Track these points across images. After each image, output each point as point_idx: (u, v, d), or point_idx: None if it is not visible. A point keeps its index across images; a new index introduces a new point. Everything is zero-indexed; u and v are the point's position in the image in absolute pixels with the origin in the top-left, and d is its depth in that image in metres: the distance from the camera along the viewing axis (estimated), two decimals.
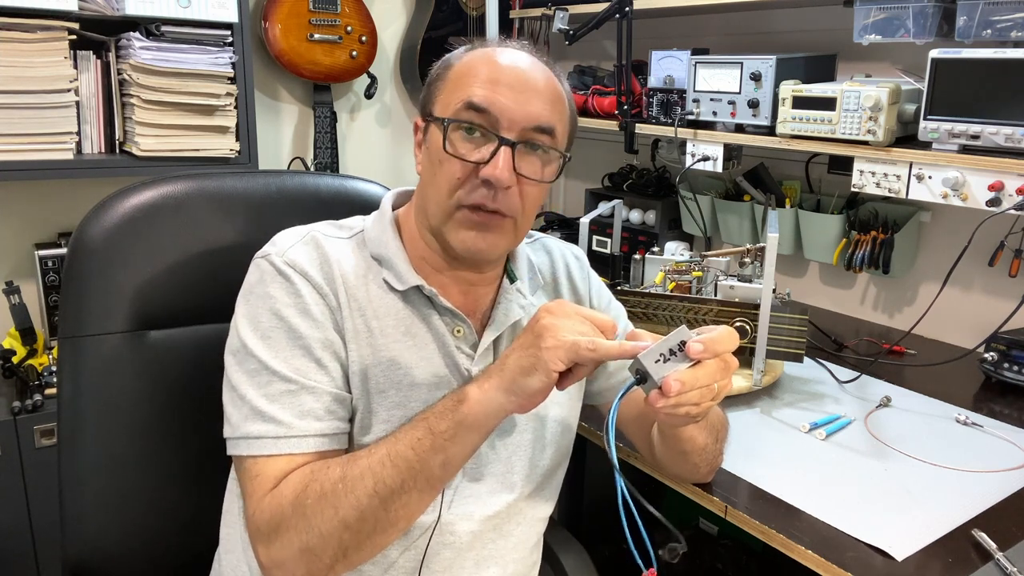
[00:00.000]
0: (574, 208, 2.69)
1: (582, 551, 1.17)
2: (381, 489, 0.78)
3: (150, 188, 1.06)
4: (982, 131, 1.34)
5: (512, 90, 0.87)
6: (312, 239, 0.91)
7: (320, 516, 0.78)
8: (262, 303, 0.87)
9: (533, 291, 1.01)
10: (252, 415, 0.83)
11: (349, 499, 0.78)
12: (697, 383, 0.76)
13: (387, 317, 0.91)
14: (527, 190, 0.89)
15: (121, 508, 1.02)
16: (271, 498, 0.80)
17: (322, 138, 2.42)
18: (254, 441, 0.83)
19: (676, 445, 1.00)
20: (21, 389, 1.75)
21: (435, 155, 0.89)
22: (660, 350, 0.76)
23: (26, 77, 1.71)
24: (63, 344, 1.01)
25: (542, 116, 0.88)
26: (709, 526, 1.95)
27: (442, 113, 0.89)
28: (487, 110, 0.86)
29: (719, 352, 0.78)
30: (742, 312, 1.39)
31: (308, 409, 0.84)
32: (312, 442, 0.83)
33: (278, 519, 0.79)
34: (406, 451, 0.79)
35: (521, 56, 0.90)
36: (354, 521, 0.78)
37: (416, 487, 0.79)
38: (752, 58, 1.68)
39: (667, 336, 0.77)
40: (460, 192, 0.87)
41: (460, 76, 0.89)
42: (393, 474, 0.78)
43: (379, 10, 2.49)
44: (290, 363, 0.84)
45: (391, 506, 0.78)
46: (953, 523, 1.02)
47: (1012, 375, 1.45)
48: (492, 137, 0.86)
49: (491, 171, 0.85)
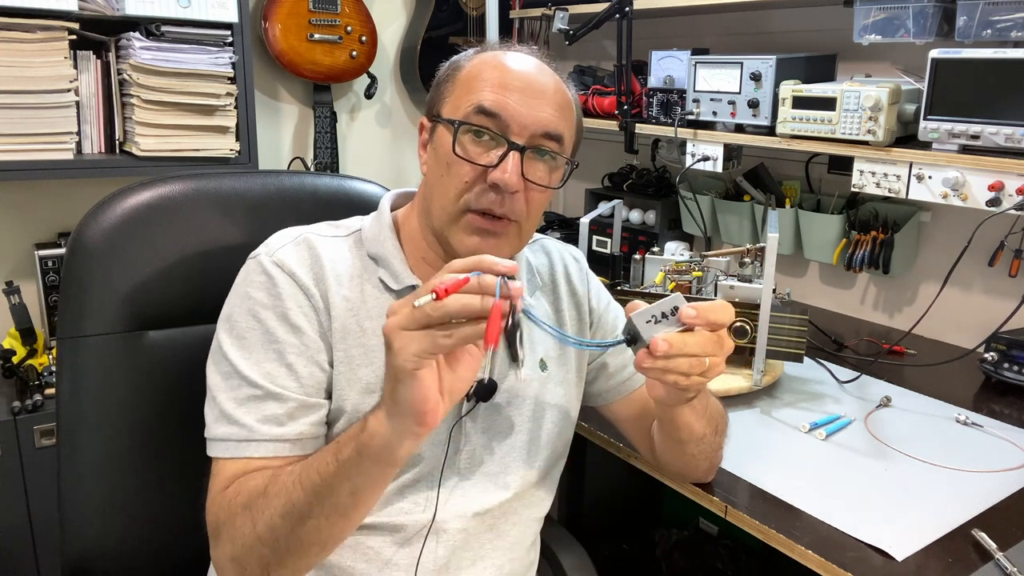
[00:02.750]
0: (574, 208, 2.69)
1: (582, 551, 1.17)
2: (291, 511, 0.75)
3: (150, 188, 1.06)
4: (982, 131, 1.34)
5: (523, 95, 0.87)
6: (304, 240, 0.92)
7: (241, 529, 0.78)
8: (242, 304, 0.88)
9: (532, 292, 1.02)
10: (220, 417, 0.85)
11: (264, 515, 0.77)
12: (686, 348, 0.75)
13: (381, 317, 0.90)
14: (533, 196, 0.89)
15: (121, 508, 1.02)
16: (218, 499, 0.82)
17: (322, 138, 2.42)
18: (219, 443, 0.85)
19: (673, 432, 0.98)
20: (21, 389, 1.75)
21: (443, 156, 0.89)
22: (652, 312, 0.75)
23: (26, 77, 1.71)
24: (62, 344, 1.01)
25: (551, 123, 0.88)
26: (709, 526, 1.95)
27: (451, 115, 0.89)
28: (498, 114, 0.86)
29: (711, 320, 0.76)
30: (742, 312, 1.39)
31: (271, 415, 0.84)
32: (270, 447, 0.83)
33: (216, 523, 0.81)
34: (314, 475, 0.75)
35: (531, 61, 0.91)
36: (268, 539, 0.77)
37: (323, 513, 0.75)
38: (752, 58, 1.68)
39: (661, 300, 0.76)
40: (468, 196, 0.87)
41: (470, 79, 0.89)
42: (302, 497, 0.75)
43: (379, 10, 2.49)
44: (261, 367, 0.85)
45: (300, 530, 0.76)
46: (953, 523, 1.02)
47: (1012, 375, 1.45)
48: (501, 141, 0.86)
49: (500, 175, 0.85)
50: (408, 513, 0.90)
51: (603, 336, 1.09)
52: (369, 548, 0.90)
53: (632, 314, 0.75)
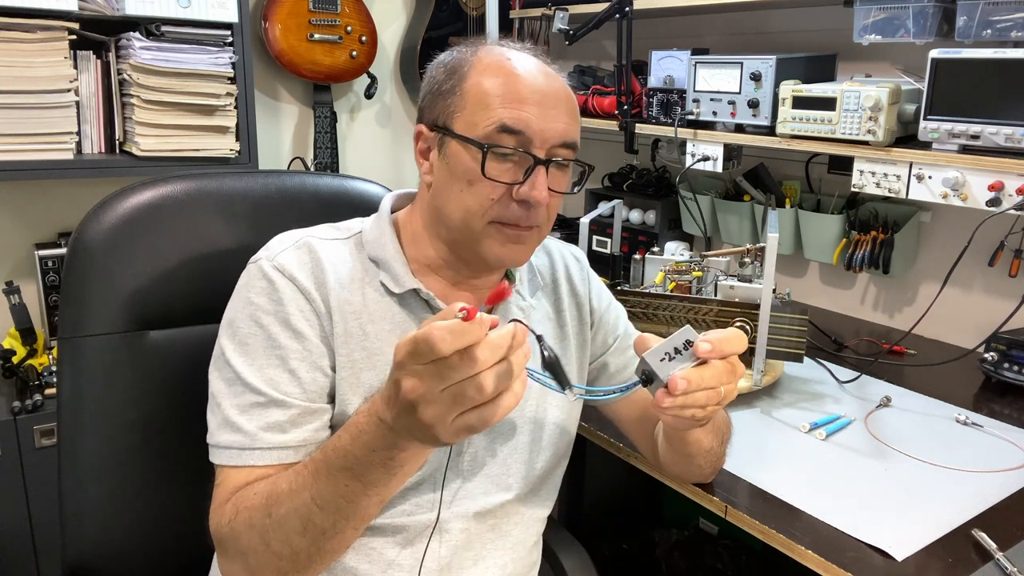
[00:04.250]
0: (574, 208, 2.69)
1: (582, 551, 1.17)
2: (311, 528, 0.76)
3: (150, 188, 1.06)
4: (982, 131, 1.34)
5: (540, 108, 0.87)
6: (305, 243, 0.91)
7: (250, 545, 0.78)
8: (244, 309, 0.88)
9: (533, 292, 1.02)
10: (224, 424, 0.85)
11: (278, 534, 0.77)
12: (703, 383, 0.76)
13: (383, 321, 0.90)
14: (552, 201, 0.90)
15: (121, 508, 1.02)
16: (219, 511, 0.82)
17: (322, 138, 2.42)
18: (223, 451, 0.85)
19: (682, 448, 1.00)
20: (21, 389, 1.75)
21: (465, 174, 0.88)
22: (665, 349, 0.76)
23: (26, 77, 1.71)
24: (63, 344, 1.00)
25: (568, 132, 0.89)
26: (709, 526, 1.95)
27: (468, 132, 0.87)
28: (522, 132, 0.86)
29: (727, 353, 0.78)
30: (742, 312, 1.39)
31: (274, 422, 0.84)
32: (273, 455, 0.84)
33: (220, 536, 0.81)
34: (337, 498, 0.75)
35: (537, 65, 0.90)
36: (287, 554, 0.77)
37: (351, 525, 0.77)
38: (752, 58, 1.68)
39: (671, 335, 0.76)
40: (493, 211, 0.87)
41: (481, 92, 0.87)
42: (323, 517, 0.75)
43: (379, 10, 2.49)
44: (263, 373, 0.85)
45: (325, 543, 0.77)
46: (953, 523, 1.02)
47: (1012, 375, 1.45)
48: (526, 157, 0.86)
49: (530, 192, 0.86)
50: (411, 514, 0.90)
51: (604, 335, 1.09)
52: (372, 549, 0.90)
53: (644, 354, 0.76)
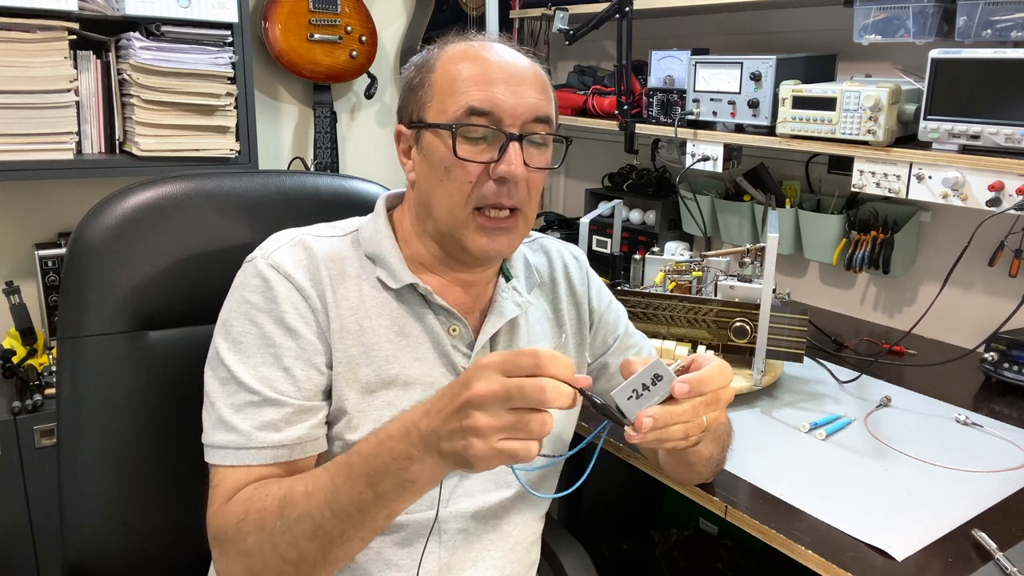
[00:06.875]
0: (574, 208, 2.69)
1: (582, 551, 1.17)
2: (320, 534, 0.76)
3: (150, 188, 1.06)
4: (982, 131, 1.34)
5: (508, 85, 0.87)
6: (301, 241, 0.91)
7: (256, 546, 0.78)
8: (238, 308, 0.88)
9: (530, 289, 1.02)
10: (218, 423, 0.85)
11: (286, 538, 0.76)
12: (674, 419, 0.73)
13: (380, 317, 0.91)
14: (532, 179, 0.90)
15: (121, 508, 1.02)
16: (222, 512, 0.82)
17: (322, 138, 2.41)
18: (218, 450, 0.84)
19: (681, 458, 1.01)
20: (21, 389, 1.75)
21: (440, 162, 0.88)
22: (633, 386, 0.73)
23: (26, 77, 1.71)
24: (63, 344, 1.00)
25: (539, 106, 0.89)
26: (709, 526, 1.95)
27: (439, 119, 0.88)
28: (490, 111, 0.86)
29: (705, 392, 0.74)
30: (742, 312, 1.39)
31: (268, 421, 0.84)
32: (268, 454, 0.83)
33: (222, 536, 0.81)
34: (347, 505, 0.75)
35: (503, 48, 0.91)
36: (294, 558, 0.77)
37: (358, 535, 0.77)
38: (752, 58, 1.68)
39: (639, 372, 0.73)
40: (475, 195, 0.88)
41: (449, 80, 0.88)
42: (334, 523, 0.75)
43: (379, 10, 2.49)
44: (258, 371, 0.85)
45: (333, 551, 0.77)
46: (953, 523, 1.02)
47: (1012, 375, 1.45)
48: (498, 135, 0.87)
49: (507, 168, 0.86)
50: (409, 512, 0.90)
51: (604, 335, 1.09)
52: (370, 549, 0.89)
53: (613, 392, 0.73)
